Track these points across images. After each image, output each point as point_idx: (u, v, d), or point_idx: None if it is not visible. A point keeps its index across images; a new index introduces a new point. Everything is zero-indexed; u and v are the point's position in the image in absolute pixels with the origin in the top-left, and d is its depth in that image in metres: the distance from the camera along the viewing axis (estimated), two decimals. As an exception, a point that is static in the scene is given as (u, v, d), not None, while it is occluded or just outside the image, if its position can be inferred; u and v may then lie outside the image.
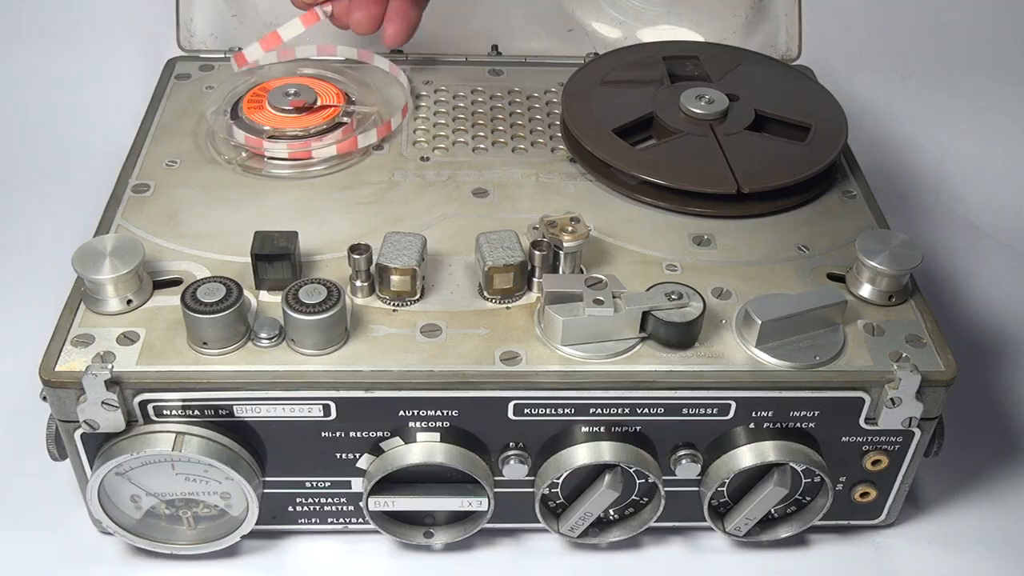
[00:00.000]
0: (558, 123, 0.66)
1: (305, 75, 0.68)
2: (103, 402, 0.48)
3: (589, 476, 0.53)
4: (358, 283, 0.52)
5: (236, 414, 0.50)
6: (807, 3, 0.77)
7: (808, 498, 0.55)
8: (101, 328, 0.50)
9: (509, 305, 0.53)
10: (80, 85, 0.85)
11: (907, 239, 0.54)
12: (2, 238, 0.76)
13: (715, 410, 0.51)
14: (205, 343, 0.49)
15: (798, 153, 0.61)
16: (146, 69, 0.75)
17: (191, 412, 0.49)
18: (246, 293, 0.51)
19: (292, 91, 0.64)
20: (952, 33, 0.90)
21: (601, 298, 0.50)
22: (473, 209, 0.60)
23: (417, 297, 0.52)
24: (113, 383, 0.48)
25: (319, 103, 0.64)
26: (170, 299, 0.52)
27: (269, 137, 0.62)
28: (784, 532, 0.56)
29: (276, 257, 0.52)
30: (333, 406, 0.50)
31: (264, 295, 0.52)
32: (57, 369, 0.48)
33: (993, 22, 0.92)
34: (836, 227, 0.59)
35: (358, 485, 0.53)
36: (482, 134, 0.67)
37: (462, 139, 0.66)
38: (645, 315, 0.50)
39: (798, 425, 0.52)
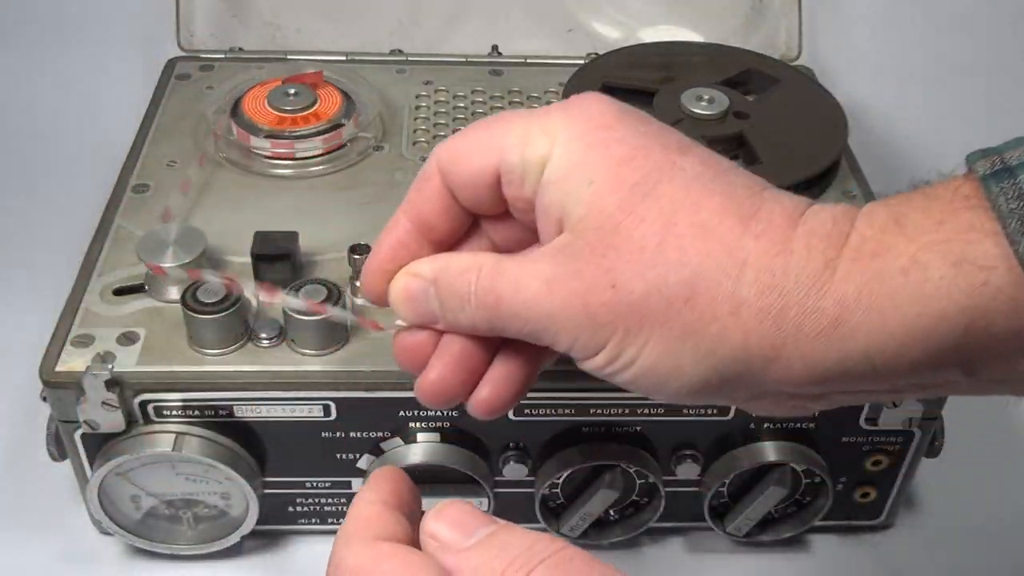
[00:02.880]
0: (558, 123, 0.66)
1: (305, 75, 0.68)
2: (103, 402, 0.48)
3: (589, 476, 0.53)
4: (358, 283, 0.52)
5: (236, 414, 0.50)
6: (807, 3, 0.77)
7: (808, 498, 0.55)
8: (101, 328, 0.50)
9: (509, 305, 0.52)
10: (80, 85, 0.85)
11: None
12: (1, 238, 0.76)
13: (715, 410, 0.51)
14: (205, 343, 0.49)
15: (798, 153, 0.61)
16: (146, 69, 0.75)
17: (191, 412, 0.49)
18: (246, 293, 0.51)
19: (292, 91, 0.64)
20: (952, 33, 0.90)
21: (601, 298, 0.50)
22: (473, 209, 0.59)
23: (417, 297, 0.52)
24: (113, 383, 0.47)
25: (319, 104, 0.64)
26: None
27: (267, 136, 0.62)
28: (784, 532, 0.56)
29: (276, 257, 0.52)
30: (333, 406, 0.50)
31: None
32: (57, 369, 0.48)
33: (994, 22, 0.92)
34: (836, 227, 0.59)
35: (358, 485, 0.53)
36: (482, 134, 0.66)
37: (462, 139, 0.66)
38: (645, 315, 0.50)
39: (798, 425, 0.52)
